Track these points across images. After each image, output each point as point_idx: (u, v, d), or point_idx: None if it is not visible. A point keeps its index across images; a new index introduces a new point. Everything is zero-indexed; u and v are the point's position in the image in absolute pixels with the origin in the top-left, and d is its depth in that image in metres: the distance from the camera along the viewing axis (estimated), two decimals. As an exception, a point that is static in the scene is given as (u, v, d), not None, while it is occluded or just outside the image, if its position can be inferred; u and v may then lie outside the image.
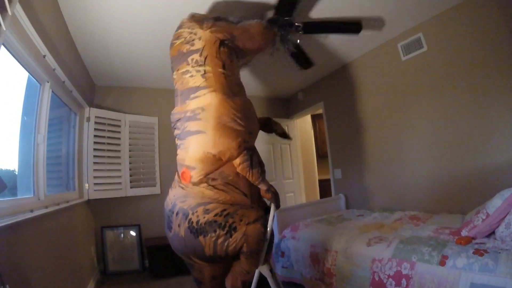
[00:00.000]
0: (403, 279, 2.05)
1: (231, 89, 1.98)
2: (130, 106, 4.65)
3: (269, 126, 2.54)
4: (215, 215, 1.74)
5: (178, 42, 2.06)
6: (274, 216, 1.98)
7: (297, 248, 2.99)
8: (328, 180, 5.24)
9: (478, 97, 2.93)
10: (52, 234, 2.44)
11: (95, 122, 3.96)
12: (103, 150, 4.05)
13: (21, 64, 2.17)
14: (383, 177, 3.99)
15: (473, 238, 2.10)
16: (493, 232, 2.07)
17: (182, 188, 1.88)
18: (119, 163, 4.24)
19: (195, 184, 1.84)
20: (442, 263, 1.92)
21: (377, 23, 3.43)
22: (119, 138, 4.30)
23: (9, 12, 1.53)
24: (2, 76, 2.05)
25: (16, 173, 2.28)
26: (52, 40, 2.41)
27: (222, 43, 2.03)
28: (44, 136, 2.54)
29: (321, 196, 6.58)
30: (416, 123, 3.55)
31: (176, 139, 2.05)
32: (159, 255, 3.90)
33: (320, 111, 5.47)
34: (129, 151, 4.39)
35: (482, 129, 2.90)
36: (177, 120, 1.98)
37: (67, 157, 3.54)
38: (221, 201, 1.80)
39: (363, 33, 3.24)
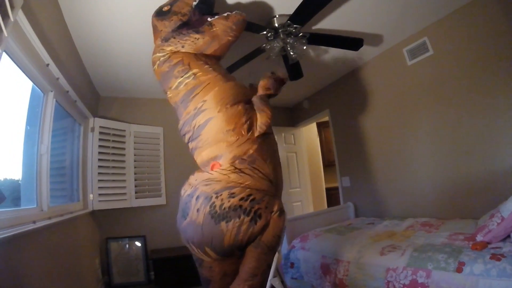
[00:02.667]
0: (419, 288, 1.97)
1: (223, 76, 2.01)
2: (135, 116, 4.65)
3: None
4: (241, 199, 1.67)
5: (156, 66, 2.08)
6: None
7: (307, 259, 2.91)
8: (335, 188, 5.17)
9: (487, 99, 2.88)
10: (55, 246, 2.39)
11: (100, 133, 3.94)
12: (108, 160, 4.02)
13: (24, 73, 2.14)
14: (392, 183, 3.92)
15: (489, 243, 2.03)
16: (508, 236, 2.00)
17: (208, 172, 1.81)
18: (124, 174, 4.21)
19: (225, 165, 1.79)
20: (459, 270, 1.85)
21: (376, 39, 3.52)
22: (123, 149, 4.28)
23: (11, 18, 1.51)
24: (5, 84, 2.02)
25: (20, 183, 2.25)
26: (56, 49, 2.39)
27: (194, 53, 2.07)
28: (48, 146, 2.51)
29: (328, 205, 6.51)
30: (424, 128, 3.49)
31: (189, 145, 1.98)
32: (165, 268, 3.84)
33: (325, 119, 5.45)
34: (134, 161, 4.36)
35: (492, 131, 2.85)
36: (184, 124, 1.95)
37: (71, 168, 3.50)
38: (247, 185, 1.73)
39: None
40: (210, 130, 1.84)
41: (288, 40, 2.86)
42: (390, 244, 2.50)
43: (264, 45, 3.00)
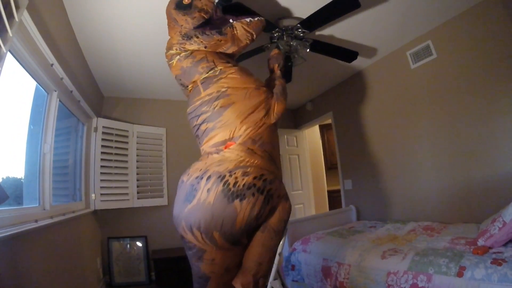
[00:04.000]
0: (420, 293, 1.96)
1: (244, 71, 2.07)
2: (138, 117, 4.66)
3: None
4: (254, 178, 1.66)
5: (175, 61, 2.06)
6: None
7: (309, 262, 2.91)
8: (337, 191, 5.14)
9: (490, 103, 2.87)
10: (57, 245, 2.40)
11: (103, 133, 3.95)
12: (111, 160, 4.04)
13: (29, 72, 2.16)
14: (394, 186, 3.91)
15: (490, 248, 2.03)
16: (510, 241, 2.00)
17: (219, 154, 1.79)
18: (126, 174, 4.22)
19: (238, 144, 1.80)
20: (460, 274, 1.84)
21: (379, 43, 3.58)
22: (126, 149, 4.29)
23: (16, 19, 1.52)
24: (9, 83, 2.04)
25: (23, 181, 2.26)
26: (60, 49, 2.40)
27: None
28: (51, 145, 2.52)
29: (330, 207, 6.49)
30: (426, 132, 3.48)
31: (202, 126, 1.94)
32: (166, 268, 3.84)
33: (328, 121, 5.44)
34: (137, 161, 4.37)
35: (495, 135, 2.83)
36: (201, 104, 1.94)
37: (74, 167, 3.51)
38: (258, 165, 1.74)
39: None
40: (232, 112, 1.85)
41: (292, 43, 2.87)
42: (391, 248, 2.49)
43: (266, 44, 2.99)
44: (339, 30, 3.16)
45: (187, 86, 2.07)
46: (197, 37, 2.00)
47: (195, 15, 2.03)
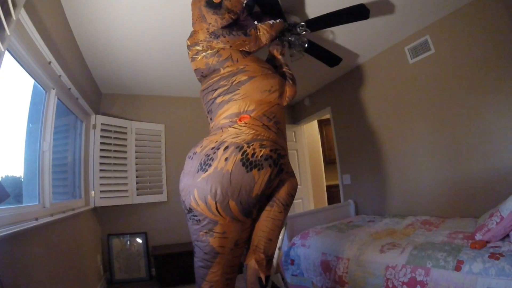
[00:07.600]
0: (418, 286, 1.98)
1: (260, 59, 2.20)
2: (137, 113, 4.66)
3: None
4: (271, 150, 1.74)
5: (200, 57, 2.09)
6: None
7: (308, 256, 2.93)
8: (335, 186, 5.15)
9: (487, 97, 2.88)
10: (58, 243, 2.40)
11: (101, 130, 3.95)
12: (110, 157, 4.04)
13: (26, 71, 2.15)
14: (392, 181, 3.93)
15: (488, 242, 2.04)
16: (507, 235, 2.01)
17: (234, 128, 1.83)
18: (126, 171, 4.22)
19: (253, 118, 1.86)
20: (457, 268, 1.86)
21: (377, 38, 3.53)
22: (125, 146, 4.29)
23: (14, 17, 1.51)
24: (7, 82, 2.03)
25: (22, 180, 2.26)
26: (58, 46, 2.40)
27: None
28: (50, 143, 2.52)
29: (329, 202, 6.52)
30: (425, 126, 3.50)
31: (219, 98, 1.98)
32: (166, 264, 3.86)
33: (327, 116, 5.44)
34: (136, 158, 4.37)
35: (492, 130, 2.84)
36: (220, 79, 2.00)
37: (73, 165, 3.52)
38: (274, 140, 1.82)
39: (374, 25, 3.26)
40: (250, 86, 1.94)
41: (290, 38, 2.85)
42: (390, 242, 2.51)
43: None
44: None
45: (207, 76, 2.12)
46: (224, 37, 2.05)
47: (225, 16, 2.09)
